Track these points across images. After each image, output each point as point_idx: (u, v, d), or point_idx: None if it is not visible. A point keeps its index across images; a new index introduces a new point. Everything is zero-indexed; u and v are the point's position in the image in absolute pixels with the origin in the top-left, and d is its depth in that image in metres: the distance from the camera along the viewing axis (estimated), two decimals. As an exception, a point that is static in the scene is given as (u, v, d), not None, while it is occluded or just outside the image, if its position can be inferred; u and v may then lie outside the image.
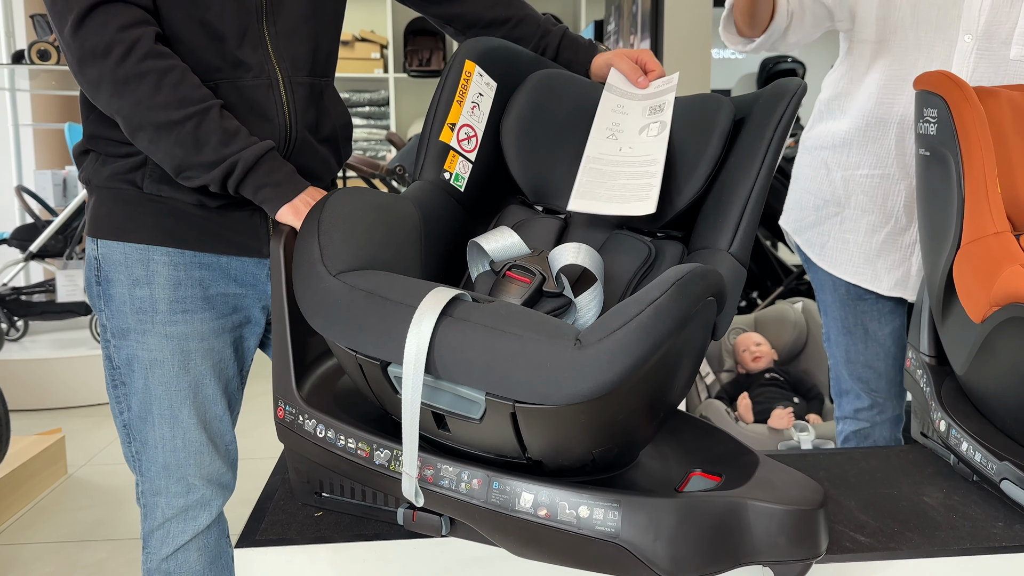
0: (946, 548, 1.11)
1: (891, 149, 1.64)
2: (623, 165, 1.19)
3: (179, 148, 1.16)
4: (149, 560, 1.41)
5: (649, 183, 1.15)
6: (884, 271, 1.70)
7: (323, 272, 0.93)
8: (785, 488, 0.98)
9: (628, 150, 1.20)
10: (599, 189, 1.18)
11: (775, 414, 2.52)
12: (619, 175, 1.18)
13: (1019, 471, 1.16)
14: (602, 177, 1.19)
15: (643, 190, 1.15)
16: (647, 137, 1.20)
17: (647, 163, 1.17)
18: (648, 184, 1.15)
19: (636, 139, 1.21)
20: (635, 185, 1.16)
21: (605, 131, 1.24)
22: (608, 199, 1.16)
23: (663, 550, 0.92)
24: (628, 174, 1.18)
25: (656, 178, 1.15)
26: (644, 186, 1.15)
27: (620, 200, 1.15)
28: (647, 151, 1.18)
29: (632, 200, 1.15)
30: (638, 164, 1.18)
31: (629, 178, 1.17)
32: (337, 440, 1.05)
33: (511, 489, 0.96)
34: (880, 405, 1.77)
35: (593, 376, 0.82)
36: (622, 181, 1.17)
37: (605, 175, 1.19)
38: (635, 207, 1.13)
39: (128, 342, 1.32)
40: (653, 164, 1.17)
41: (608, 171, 1.19)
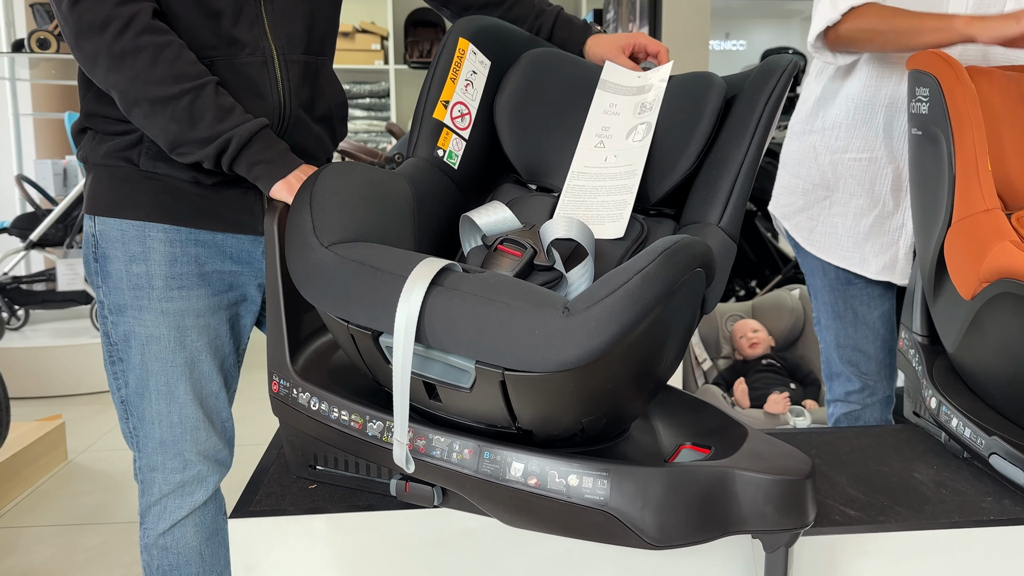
0: (935, 521, 1.12)
1: (879, 133, 1.64)
2: (605, 179, 1.20)
3: (174, 123, 1.16)
4: (146, 536, 1.42)
5: (624, 200, 1.17)
6: (872, 255, 1.70)
7: (315, 243, 0.94)
8: (773, 459, 0.99)
9: (613, 159, 1.21)
10: (579, 209, 1.19)
11: (771, 399, 2.53)
12: (600, 191, 1.19)
13: (1008, 446, 1.17)
14: (583, 195, 1.20)
15: (617, 208, 1.17)
16: (632, 142, 1.21)
17: (627, 175, 1.18)
18: (623, 201, 1.17)
19: (622, 145, 1.21)
20: (612, 203, 1.17)
21: (594, 138, 1.25)
22: (586, 220, 1.18)
23: (651, 518, 0.93)
24: (608, 189, 1.19)
25: (631, 193, 1.17)
26: (619, 203, 1.17)
27: (596, 221, 1.17)
28: (629, 160, 1.19)
29: (606, 221, 1.17)
30: (619, 176, 1.19)
31: (608, 194, 1.18)
32: (331, 412, 1.06)
33: (502, 459, 0.97)
34: (871, 388, 1.78)
35: (581, 343, 0.83)
36: (601, 198, 1.19)
37: (586, 192, 1.20)
38: (608, 229, 1.15)
39: (125, 318, 1.33)
40: (632, 176, 1.18)
41: (590, 187, 1.20)
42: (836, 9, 1.52)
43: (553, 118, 1.27)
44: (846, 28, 1.53)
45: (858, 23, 1.51)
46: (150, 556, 1.43)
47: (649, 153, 1.19)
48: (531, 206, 1.24)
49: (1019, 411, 1.20)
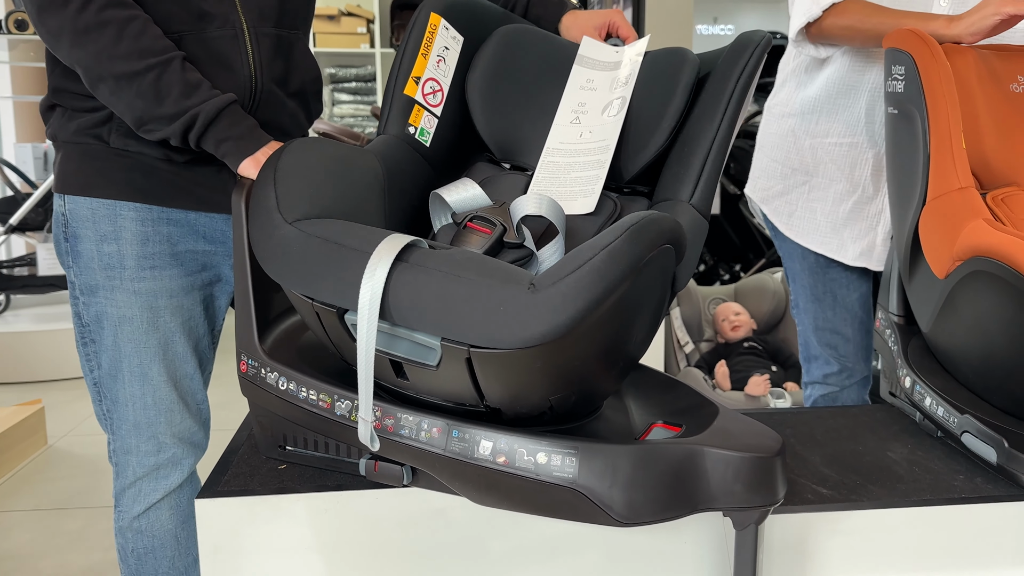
0: (907, 499, 1.12)
1: (861, 117, 1.64)
2: (579, 155, 1.19)
3: (140, 100, 1.15)
4: (121, 518, 1.41)
5: (596, 175, 1.16)
6: (850, 240, 1.70)
7: (279, 220, 0.93)
8: (743, 436, 0.98)
9: (588, 135, 1.20)
10: (553, 186, 1.18)
11: (752, 381, 2.53)
12: (573, 167, 1.18)
13: (980, 424, 1.17)
14: (557, 171, 1.19)
15: (590, 183, 1.16)
16: (608, 117, 1.20)
17: (601, 150, 1.17)
18: (595, 176, 1.16)
19: (597, 120, 1.20)
20: (584, 178, 1.17)
21: (570, 114, 1.24)
22: (559, 196, 1.17)
23: (619, 495, 0.92)
24: (582, 165, 1.18)
25: (604, 168, 1.16)
26: (592, 178, 1.16)
27: (568, 197, 1.16)
28: (603, 136, 1.18)
29: (578, 197, 1.16)
30: (593, 152, 1.18)
31: (582, 170, 1.17)
32: (299, 392, 1.05)
33: (470, 437, 0.96)
34: (849, 370, 1.78)
35: (546, 319, 0.82)
36: (575, 174, 1.18)
37: (560, 168, 1.19)
38: (579, 204, 1.15)
39: (97, 299, 1.31)
40: (605, 151, 1.17)
41: (564, 163, 1.19)
42: (818, 5, 1.51)
43: (526, 96, 1.26)
44: (827, 24, 1.52)
45: (839, 20, 1.50)
46: (125, 539, 1.42)
47: (623, 130, 1.18)
48: (504, 185, 1.22)
49: (991, 390, 1.20)
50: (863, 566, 1.10)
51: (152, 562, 1.42)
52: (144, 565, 1.42)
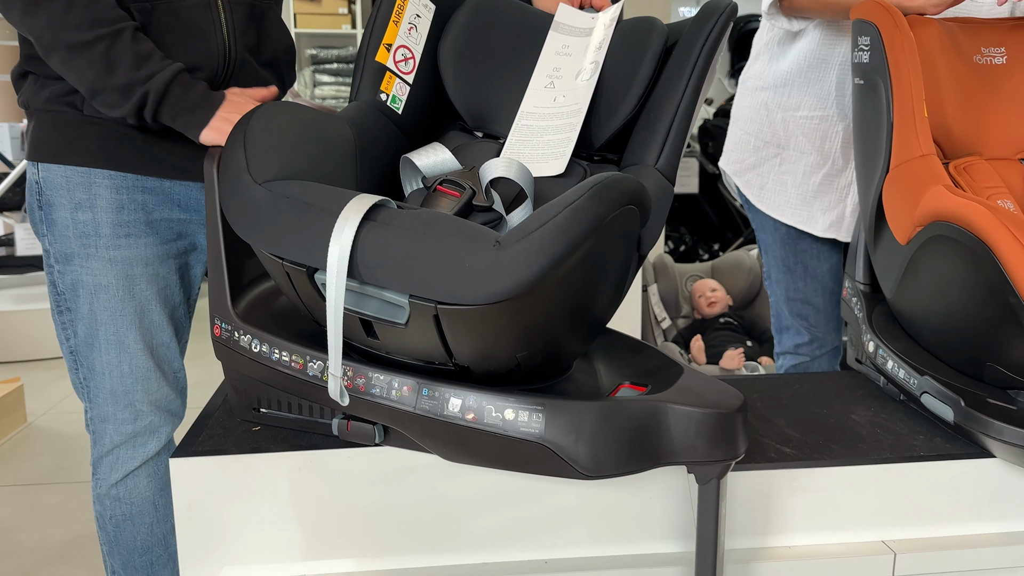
0: (867, 458, 1.15)
1: (831, 91, 1.66)
2: (552, 119, 1.21)
3: (90, 70, 1.15)
4: (99, 486, 1.43)
5: (567, 138, 1.17)
6: (820, 212, 1.73)
7: (248, 181, 0.94)
8: (705, 394, 1.01)
9: (561, 99, 1.22)
10: (525, 149, 1.19)
11: (727, 355, 2.57)
12: (546, 130, 1.20)
13: (938, 384, 1.20)
14: (530, 134, 1.20)
15: (561, 146, 1.17)
16: (580, 82, 1.21)
17: (572, 113, 1.19)
18: (566, 139, 1.17)
19: (571, 85, 1.22)
20: (556, 141, 1.18)
21: (544, 79, 1.25)
22: (531, 159, 1.18)
23: (584, 450, 0.95)
24: (554, 128, 1.19)
25: (574, 131, 1.17)
26: (563, 141, 1.18)
27: (539, 160, 1.17)
28: (576, 100, 1.20)
29: (549, 159, 1.17)
30: (565, 116, 1.20)
31: (554, 133, 1.19)
32: (272, 354, 1.07)
33: (440, 395, 0.98)
34: (819, 340, 1.82)
35: (511, 275, 0.84)
36: (547, 137, 1.19)
37: (533, 132, 1.20)
38: (550, 166, 1.16)
39: (72, 267, 1.32)
40: (577, 115, 1.18)
41: (537, 127, 1.21)
42: None
43: (498, 64, 1.27)
44: None
45: None
46: (103, 506, 1.44)
47: (593, 98, 1.19)
48: (476, 152, 1.24)
49: (950, 351, 1.23)
50: (824, 522, 1.13)
51: (130, 529, 1.43)
52: (122, 532, 1.44)
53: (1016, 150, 1.39)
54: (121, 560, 1.45)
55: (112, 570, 1.49)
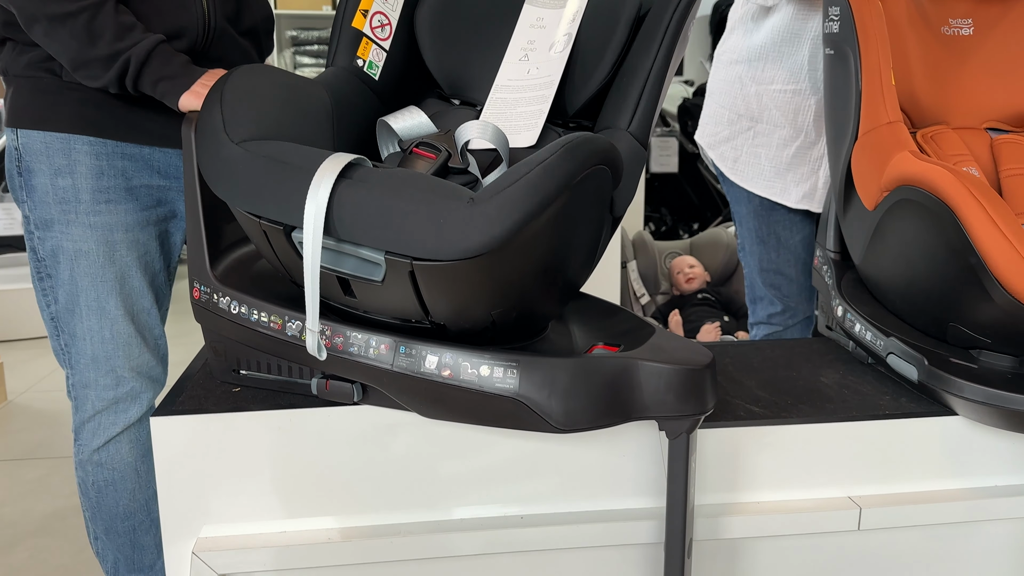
0: (834, 416, 1.18)
1: (804, 64, 1.69)
2: (526, 91, 1.22)
3: (74, 41, 1.16)
4: (81, 452, 1.44)
5: (540, 109, 1.19)
6: (793, 184, 1.76)
7: (224, 139, 0.95)
8: (675, 351, 1.04)
9: (535, 71, 1.23)
10: (499, 121, 1.21)
11: (704, 329, 2.60)
12: (520, 102, 1.22)
13: (904, 345, 1.23)
14: (504, 107, 1.22)
15: (533, 117, 1.19)
16: (554, 54, 1.23)
17: (545, 85, 1.21)
18: (539, 111, 1.19)
19: (544, 57, 1.24)
20: (529, 112, 1.20)
21: (519, 52, 1.27)
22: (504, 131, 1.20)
23: (558, 405, 0.98)
24: (528, 100, 1.21)
25: (547, 103, 1.19)
26: (535, 112, 1.19)
27: (513, 131, 1.19)
28: (549, 71, 1.22)
29: (522, 131, 1.19)
30: (538, 87, 1.21)
31: (528, 104, 1.21)
32: (250, 315, 1.09)
33: (417, 352, 1.01)
34: (792, 310, 1.85)
35: (484, 230, 0.86)
36: (520, 109, 1.21)
37: (508, 104, 1.22)
38: (523, 138, 1.18)
39: (52, 233, 1.33)
40: (549, 87, 1.20)
41: (511, 99, 1.22)
42: None
43: (475, 32, 1.28)
44: None
45: None
46: (85, 472, 1.45)
47: (568, 65, 1.21)
48: (453, 119, 1.25)
49: (915, 313, 1.26)
50: (791, 478, 1.17)
51: (112, 494, 1.45)
52: (104, 498, 1.45)
53: (982, 120, 1.42)
54: (104, 525, 1.47)
55: (95, 535, 1.51)
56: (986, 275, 1.07)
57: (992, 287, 1.07)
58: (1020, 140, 1.38)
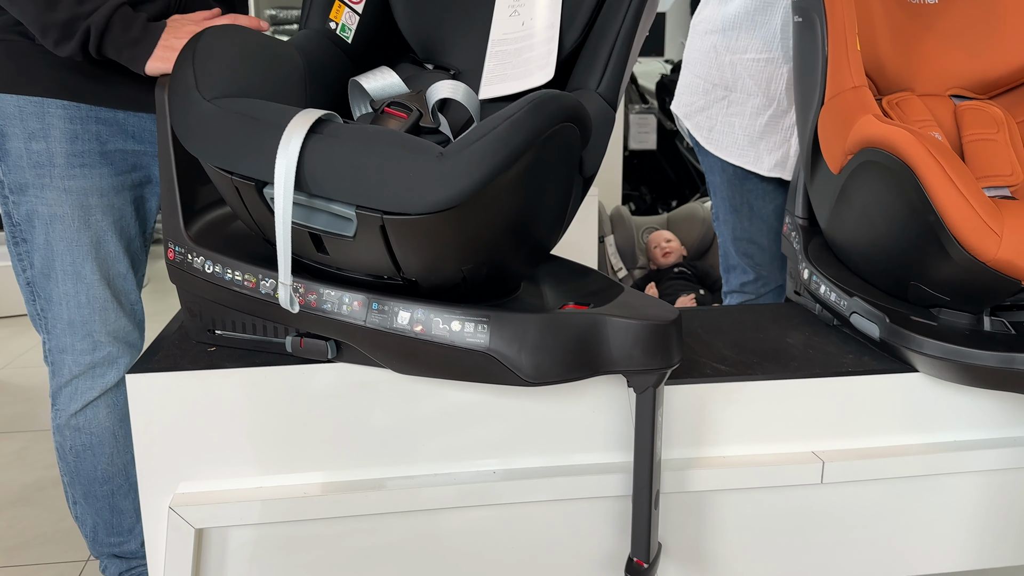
0: (798, 373, 1.21)
1: (776, 33, 1.71)
2: (527, 39, 1.23)
3: (32, 5, 1.16)
4: (58, 416, 1.45)
5: (550, 49, 1.20)
6: (765, 152, 1.78)
7: (197, 97, 0.96)
8: (642, 308, 1.06)
9: (530, 22, 1.24)
10: (507, 70, 1.22)
11: (679, 301, 2.63)
12: (523, 50, 1.22)
13: (866, 304, 1.26)
14: (508, 57, 1.23)
15: (544, 58, 1.20)
16: (546, 3, 1.24)
17: (546, 28, 1.21)
18: (548, 51, 1.19)
19: (535, 9, 1.24)
20: (538, 55, 1.20)
21: (507, 8, 1.28)
22: (516, 77, 1.21)
23: (527, 359, 1.00)
24: (531, 46, 1.22)
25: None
26: (545, 52, 1.20)
27: (525, 75, 1.20)
28: (546, 16, 1.22)
29: (535, 72, 1.19)
30: (540, 32, 1.22)
31: (532, 50, 1.22)
32: (224, 274, 1.10)
33: (389, 308, 1.03)
34: (764, 278, 1.88)
35: (453, 184, 0.88)
36: (526, 55, 1.22)
37: (510, 54, 1.23)
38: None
39: (27, 197, 1.33)
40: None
41: (513, 50, 1.23)
42: None
43: (448, -4, 1.29)
44: None
45: None
46: (63, 437, 1.46)
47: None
48: (426, 83, 1.26)
49: (877, 274, 1.29)
50: (756, 433, 1.20)
51: (90, 459, 1.46)
52: (82, 462, 1.46)
53: (946, 86, 1.45)
54: (82, 490, 1.48)
55: (73, 500, 1.52)
56: (944, 234, 1.10)
57: (950, 245, 1.10)
58: (983, 107, 1.41)
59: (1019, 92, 1.44)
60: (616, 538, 1.18)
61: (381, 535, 1.15)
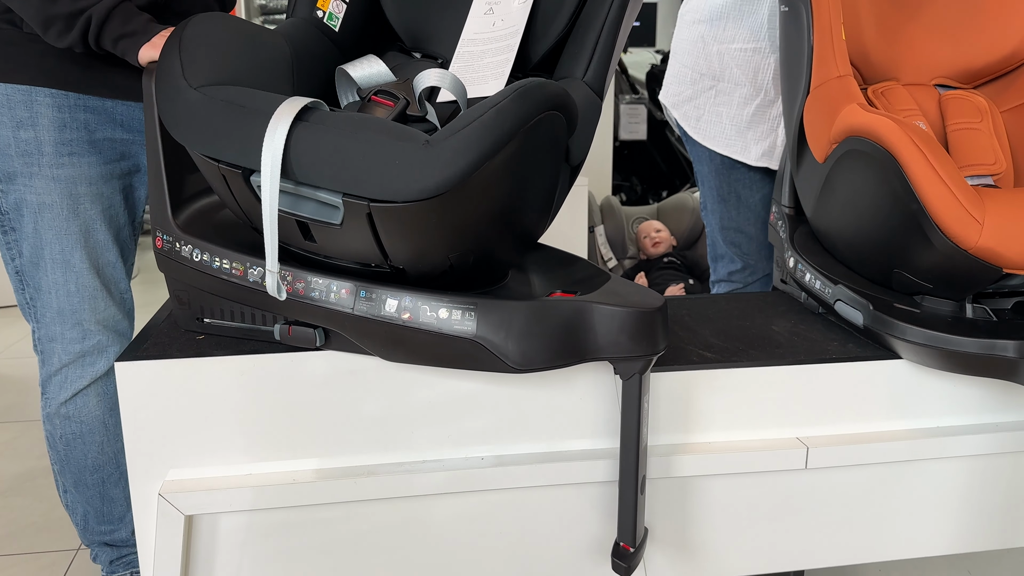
0: (783, 360, 1.22)
1: (763, 23, 1.72)
2: (492, 42, 1.24)
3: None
4: (48, 405, 1.45)
5: (506, 59, 1.21)
6: (752, 142, 1.79)
7: (183, 85, 0.97)
8: (628, 295, 1.07)
9: (500, 23, 1.25)
10: (467, 73, 1.23)
11: (668, 291, 2.65)
12: (486, 54, 1.23)
13: (851, 292, 1.28)
14: (471, 59, 1.24)
15: (500, 67, 1.21)
16: (518, 4, 1.24)
17: (510, 35, 1.23)
18: (505, 60, 1.21)
19: (509, 9, 1.25)
20: (495, 63, 1.22)
21: (484, 5, 1.28)
22: (472, 82, 1.22)
23: (514, 346, 1.01)
24: (494, 51, 1.23)
25: (512, 52, 1.21)
26: (502, 62, 1.21)
27: (480, 81, 1.21)
28: (513, 22, 1.23)
29: (489, 80, 1.21)
30: (503, 38, 1.23)
31: (494, 55, 1.23)
32: (212, 262, 1.11)
33: (377, 296, 1.03)
34: (751, 267, 1.90)
35: (439, 171, 0.89)
36: (487, 60, 1.23)
37: (475, 56, 1.24)
38: (490, 87, 1.20)
39: (16, 186, 1.33)
40: (514, 36, 1.22)
41: (478, 51, 1.24)
42: None
43: (435, -15, 1.30)
44: None
45: None
46: (53, 425, 1.46)
47: (529, 17, 1.23)
48: (413, 72, 1.26)
49: (862, 262, 1.31)
50: (741, 419, 1.21)
51: (81, 447, 1.47)
52: (72, 451, 1.47)
53: (931, 76, 1.46)
54: (72, 479, 1.49)
55: (64, 489, 1.53)
56: (927, 222, 1.11)
57: (933, 233, 1.11)
58: (967, 96, 1.43)
59: (1003, 82, 1.46)
60: (603, 523, 1.19)
61: (370, 521, 1.15)
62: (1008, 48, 1.44)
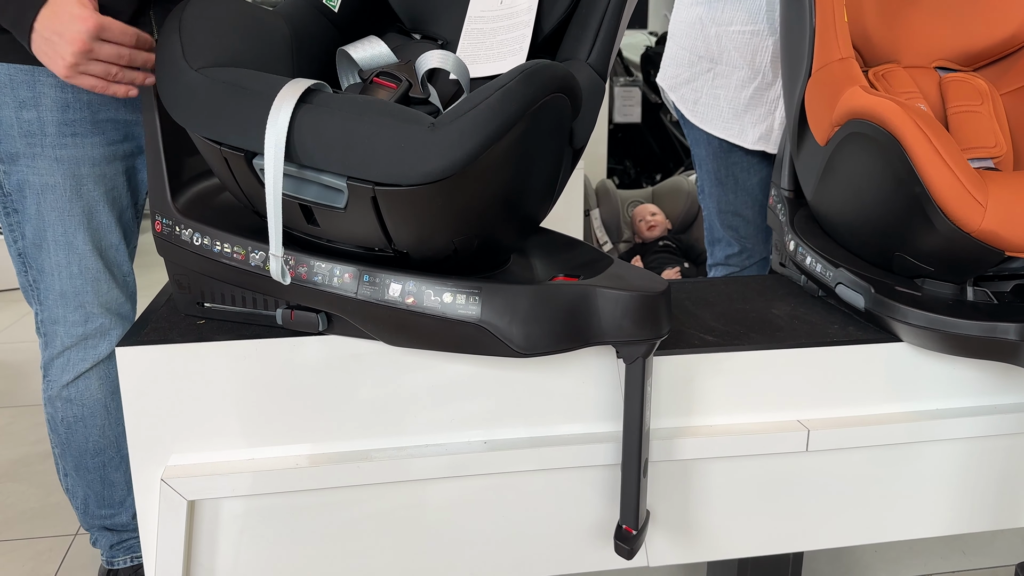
0: (783, 344, 1.23)
1: (762, 5, 1.71)
2: (503, 19, 1.23)
3: None
4: (50, 388, 1.45)
5: (523, 34, 1.19)
6: (750, 125, 1.79)
7: (184, 66, 0.96)
8: (632, 279, 1.07)
9: (509, 1, 1.23)
10: (480, 51, 1.21)
11: (663, 275, 2.65)
12: (498, 31, 1.22)
13: (851, 275, 1.28)
14: (483, 36, 1.22)
15: (517, 42, 1.19)
16: None
17: (525, 11, 1.21)
18: (522, 36, 1.19)
19: None
20: (511, 39, 1.20)
21: None
22: (487, 59, 1.20)
23: (518, 330, 1.00)
24: (507, 28, 1.21)
25: (529, 27, 1.19)
26: (519, 38, 1.20)
27: (497, 58, 1.19)
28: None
29: (507, 56, 1.19)
30: (516, 14, 1.22)
31: (508, 31, 1.21)
32: (213, 246, 1.10)
33: (380, 280, 1.03)
34: (749, 251, 1.90)
35: (445, 154, 0.88)
36: (500, 37, 1.21)
37: (485, 34, 1.22)
38: (509, 63, 1.18)
39: (18, 167, 1.32)
40: (529, 12, 1.21)
41: (488, 29, 1.23)
42: None
43: (435, -35, 1.28)
44: None
45: None
46: (54, 408, 1.46)
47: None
48: (414, 53, 1.25)
49: (863, 245, 1.31)
50: (743, 402, 1.21)
51: (82, 431, 1.46)
52: (73, 434, 1.46)
53: (932, 59, 1.46)
54: (73, 462, 1.48)
55: (64, 472, 1.52)
56: (930, 204, 1.11)
57: (935, 216, 1.12)
58: (967, 79, 1.42)
59: (1003, 64, 1.45)
60: (605, 506, 1.20)
61: (372, 505, 1.15)
62: (1008, 30, 1.44)
